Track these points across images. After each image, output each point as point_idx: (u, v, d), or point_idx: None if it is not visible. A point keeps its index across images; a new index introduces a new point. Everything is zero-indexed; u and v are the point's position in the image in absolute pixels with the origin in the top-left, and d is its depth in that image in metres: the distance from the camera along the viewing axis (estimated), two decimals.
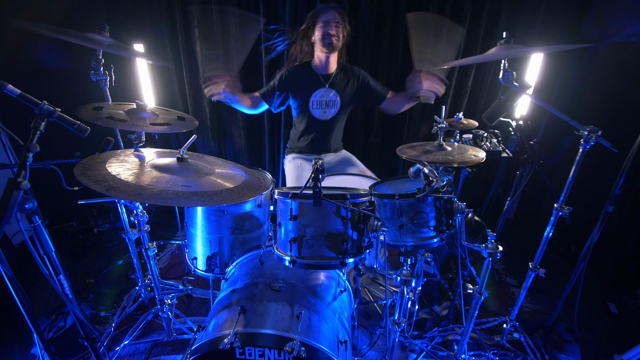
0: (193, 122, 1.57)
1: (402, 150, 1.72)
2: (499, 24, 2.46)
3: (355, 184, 1.94)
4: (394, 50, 2.58)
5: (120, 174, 1.15)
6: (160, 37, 2.73)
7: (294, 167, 2.28)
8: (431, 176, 1.19)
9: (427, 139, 2.86)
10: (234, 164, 1.58)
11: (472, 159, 1.52)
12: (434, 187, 1.16)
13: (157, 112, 1.54)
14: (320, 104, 2.23)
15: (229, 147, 3.07)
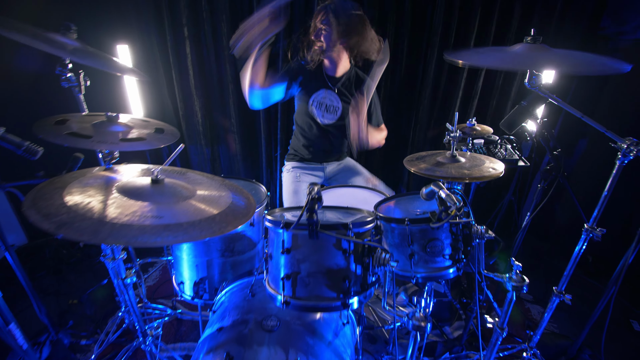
0: (173, 134, 1.39)
1: (410, 162, 1.54)
2: (512, 20, 2.26)
3: (359, 198, 1.76)
4: (399, 48, 2.39)
5: (80, 203, 0.97)
6: (148, 38, 2.54)
7: (291, 179, 2.10)
8: (449, 202, 1.00)
9: (434, 143, 2.68)
10: (220, 181, 1.40)
11: (490, 173, 1.34)
12: (451, 215, 0.97)
13: (132, 123, 1.36)
14: (320, 105, 2.04)
15: (224, 154, 2.90)
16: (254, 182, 1.95)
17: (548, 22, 2.24)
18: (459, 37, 2.33)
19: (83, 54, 1.39)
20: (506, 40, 2.31)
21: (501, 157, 1.89)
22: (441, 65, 2.41)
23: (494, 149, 1.99)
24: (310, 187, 0.93)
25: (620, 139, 1.13)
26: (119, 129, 1.28)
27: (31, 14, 2.28)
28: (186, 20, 2.45)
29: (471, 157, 1.58)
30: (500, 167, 1.43)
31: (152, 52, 2.57)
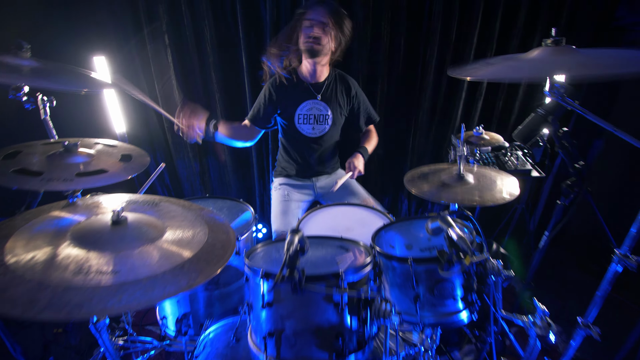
0: (142, 161, 1.23)
1: (412, 182, 1.37)
2: (518, 14, 2.08)
3: (356, 218, 1.59)
4: (395, 49, 2.21)
5: (22, 259, 0.82)
6: (127, 47, 2.37)
7: (280, 197, 1.94)
8: (462, 246, 0.84)
9: (435, 150, 2.50)
10: (197, 210, 1.24)
11: (505, 199, 1.18)
12: (465, 264, 0.81)
13: (95, 151, 1.20)
14: (308, 118, 1.87)
15: (213, 167, 2.74)
16: (241, 202, 1.79)
17: (558, 14, 2.06)
18: (460, 34, 2.15)
19: (42, 73, 1.23)
20: (512, 35, 2.12)
21: (512, 168, 1.71)
22: (442, 65, 2.24)
23: (503, 157, 1.81)
24: (290, 236, 0.77)
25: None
26: (79, 159, 1.12)
27: None
28: (166, 27, 2.28)
29: (479, 174, 1.42)
30: (514, 188, 1.27)
31: (133, 62, 2.41)
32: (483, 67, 1.00)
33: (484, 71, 0.96)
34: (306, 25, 1.72)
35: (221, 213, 1.70)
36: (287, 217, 1.83)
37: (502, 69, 0.94)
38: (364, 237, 1.43)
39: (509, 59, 1.00)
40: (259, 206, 2.83)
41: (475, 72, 0.96)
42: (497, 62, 1.00)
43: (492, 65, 0.98)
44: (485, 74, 0.95)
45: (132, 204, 1.22)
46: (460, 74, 0.91)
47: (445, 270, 0.88)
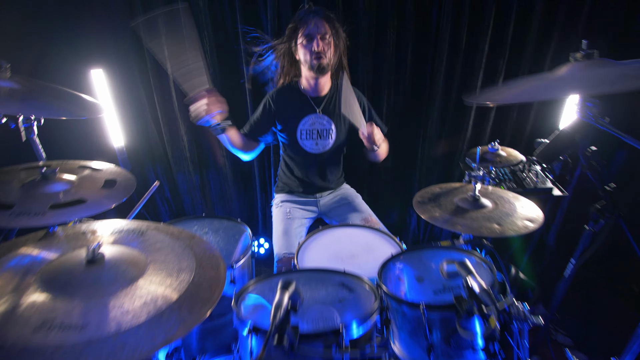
0: (127, 186, 1.13)
1: (422, 206, 1.25)
2: (532, 17, 1.95)
3: (361, 243, 1.47)
4: (402, 57, 2.10)
5: None
6: (126, 59, 2.31)
7: (281, 216, 1.83)
8: (484, 299, 0.71)
9: (445, 161, 2.37)
10: (188, 240, 1.13)
11: (528, 228, 1.05)
12: (489, 323, 0.68)
13: (76, 178, 1.11)
14: (311, 133, 1.77)
15: (213, 179, 2.65)
16: (239, 223, 1.68)
17: (576, 17, 1.92)
18: (470, 41, 2.03)
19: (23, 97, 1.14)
20: (527, 41, 1.99)
21: (531, 186, 1.57)
22: (451, 73, 2.11)
23: (520, 173, 1.67)
24: (279, 295, 0.65)
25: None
26: (57, 188, 1.03)
27: None
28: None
29: (496, 196, 1.29)
30: (538, 214, 1.14)
31: (132, 74, 2.34)
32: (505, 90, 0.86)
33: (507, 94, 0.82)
34: (305, 41, 1.62)
35: (216, 235, 1.60)
36: (290, 238, 1.72)
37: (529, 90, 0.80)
38: (369, 265, 1.32)
39: (535, 80, 0.86)
40: (261, 220, 2.73)
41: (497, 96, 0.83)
42: (521, 84, 0.87)
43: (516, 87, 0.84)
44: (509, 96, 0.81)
45: (116, 233, 1.13)
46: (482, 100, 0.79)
47: (463, 324, 0.76)
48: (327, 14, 1.64)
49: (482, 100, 0.81)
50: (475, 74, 2.07)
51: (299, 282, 1.08)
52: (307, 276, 1.09)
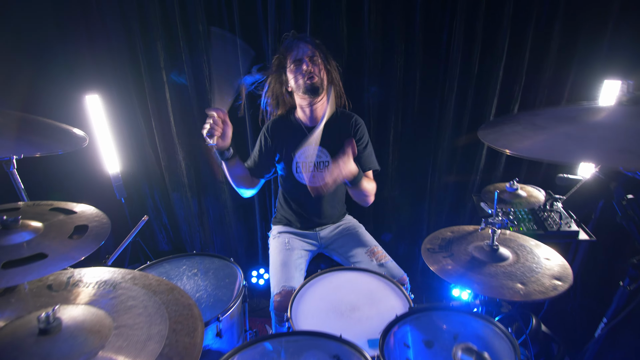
0: (100, 233, 1.01)
1: (431, 255, 1.11)
2: (550, 42, 1.82)
3: (363, 291, 1.32)
4: (409, 84, 1.98)
5: None
6: (124, 84, 2.26)
7: (280, 246, 1.69)
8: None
9: (457, 193, 2.21)
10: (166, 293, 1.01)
11: (557, 289, 0.90)
12: None
13: (44, 224, 1.00)
14: (306, 166, 1.65)
15: (212, 206, 2.54)
16: (231, 262, 1.56)
17: (598, 42, 1.78)
18: (483, 66, 1.90)
19: None
20: (544, 66, 1.85)
21: (554, 228, 1.40)
22: (463, 100, 1.98)
23: (541, 213, 1.51)
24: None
25: None
26: (18, 239, 0.92)
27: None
28: (164, 63, 2.15)
29: (517, 246, 1.14)
30: (566, 270, 0.98)
31: (130, 99, 2.29)
32: (528, 132, 0.70)
33: (529, 142, 0.67)
34: (294, 66, 1.55)
35: (206, 278, 1.47)
36: (289, 270, 1.56)
37: (558, 141, 0.64)
38: (372, 321, 1.17)
39: (564, 120, 0.70)
40: (261, 249, 2.60)
41: (516, 141, 0.68)
42: (548, 123, 0.71)
43: (541, 131, 0.69)
44: (532, 148, 0.65)
45: (86, 287, 1.01)
46: (497, 143, 0.65)
47: None
48: (312, 39, 1.58)
49: (500, 145, 0.67)
50: (489, 101, 1.93)
51: (288, 351, 0.93)
52: (298, 342, 0.94)
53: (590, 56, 1.79)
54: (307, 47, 1.54)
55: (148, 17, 2.08)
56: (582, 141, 0.61)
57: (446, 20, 1.84)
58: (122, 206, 2.40)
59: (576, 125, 0.68)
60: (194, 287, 1.41)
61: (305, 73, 1.50)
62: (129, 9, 2.08)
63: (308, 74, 1.50)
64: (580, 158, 0.61)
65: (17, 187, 1.42)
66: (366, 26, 1.89)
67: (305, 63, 1.51)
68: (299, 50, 1.54)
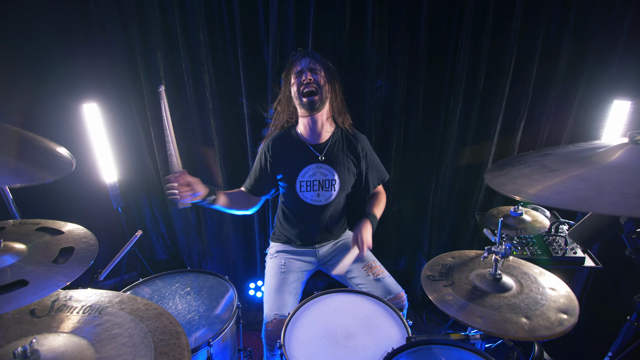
0: (85, 256, 0.98)
1: (431, 285, 1.06)
2: (559, 58, 1.77)
3: (360, 317, 1.27)
4: (413, 98, 1.94)
5: None
6: (124, 93, 2.24)
7: (275, 269, 1.65)
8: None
9: (459, 209, 2.16)
10: (152, 322, 0.97)
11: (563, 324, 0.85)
12: None
13: (28, 246, 0.96)
14: (312, 185, 1.61)
15: (211, 217, 2.50)
16: (225, 280, 1.52)
17: (607, 60, 1.73)
18: (489, 81, 1.86)
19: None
20: (552, 83, 1.81)
21: (559, 254, 1.35)
22: (468, 116, 1.93)
23: (546, 237, 1.46)
24: None
25: None
26: (0, 263, 0.88)
27: None
28: (164, 72, 2.12)
29: (521, 275, 1.09)
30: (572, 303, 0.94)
31: (129, 108, 2.26)
32: (538, 176, 0.66)
33: (540, 186, 0.63)
34: (295, 77, 1.54)
35: (199, 297, 1.43)
36: (283, 296, 1.52)
37: (571, 186, 0.60)
38: (367, 351, 1.13)
39: (576, 162, 0.66)
40: (259, 261, 2.55)
41: (526, 185, 0.64)
42: (558, 165, 0.67)
43: (551, 174, 0.64)
44: (545, 195, 0.61)
45: (70, 312, 0.97)
46: (505, 188, 0.61)
47: None
48: (320, 56, 1.58)
49: (509, 190, 0.62)
50: (495, 118, 1.88)
51: None
52: None
53: (599, 75, 1.75)
54: (310, 60, 1.53)
55: (148, 26, 2.06)
56: (598, 187, 0.56)
57: (452, 34, 1.80)
58: (119, 216, 2.37)
59: (589, 166, 0.63)
60: (186, 307, 1.37)
61: (303, 83, 1.49)
62: (129, 17, 2.06)
63: (306, 85, 1.49)
64: (596, 207, 0.56)
65: (8, 202, 1.39)
66: (369, 39, 1.85)
67: (305, 74, 1.51)
68: (302, 63, 1.54)
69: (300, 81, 1.50)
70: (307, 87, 1.50)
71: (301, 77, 1.50)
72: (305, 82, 1.49)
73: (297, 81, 1.51)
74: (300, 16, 1.87)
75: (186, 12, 1.99)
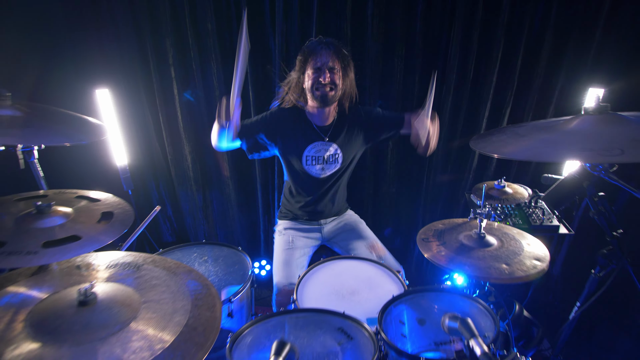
0: (125, 219, 1.11)
1: (425, 244, 1.22)
2: (541, 51, 1.94)
3: (362, 277, 1.43)
4: (409, 86, 2.09)
5: None
6: (133, 80, 2.34)
7: (283, 245, 1.79)
8: (481, 357, 0.67)
9: (450, 190, 2.34)
10: (186, 272, 1.11)
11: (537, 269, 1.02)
12: None
13: (72, 210, 1.09)
14: (317, 159, 1.75)
15: (217, 200, 2.63)
16: (239, 251, 1.66)
17: (585, 52, 1.90)
18: (478, 71, 2.02)
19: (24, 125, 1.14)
20: (535, 72, 1.98)
21: (537, 223, 1.53)
22: (459, 102, 2.10)
23: (527, 209, 1.64)
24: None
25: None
26: (51, 222, 1.01)
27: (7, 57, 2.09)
28: (172, 60, 2.23)
29: (502, 235, 1.26)
30: (544, 252, 1.10)
31: (138, 94, 2.37)
32: (512, 140, 0.84)
33: (513, 147, 0.80)
34: (313, 72, 1.61)
35: (216, 264, 1.58)
36: (291, 269, 1.67)
37: (536, 145, 0.77)
38: (370, 303, 1.28)
39: (542, 130, 0.83)
40: (263, 242, 2.70)
41: (502, 147, 0.81)
42: (529, 132, 0.84)
43: (522, 138, 0.82)
44: (515, 151, 0.78)
45: (111, 268, 1.11)
46: (486, 149, 0.77)
47: None
48: (338, 46, 1.62)
49: (488, 150, 0.78)
50: (483, 105, 2.05)
51: (297, 326, 1.04)
52: (305, 318, 1.05)
53: (577, 65, 1.92)
54: (331, 56, 1.58)
55: (158, 15, 2.15)
56: (555, 144, 0.73)
57: (444, 28, 1.96)
58: (129, 197, 2.48)
59: (551, 132, 0.80)
60: (205, 272, 1.51)
61: (321, 84, 1.57)
62: (139, 6, 2.15)
63: (322, 86, 1.57)
64: (550, 157, 0.73)
65: (37, 176, 1.50)
66: (369, 30, 1.99)
67: (324, 74, 1.57)
68: (321, 58, 1.58)
69: (317, 79, 1.57)
70: (323, 90, 1.58)
71: (319, 74, 1.57)
72: (322, 84, 1.57)
73: (314, 77, 1.58)
74: (304, 8, 2.00)
75: (195, 2, 2.09)
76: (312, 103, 1.69)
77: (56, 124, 1.26)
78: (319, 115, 1.72)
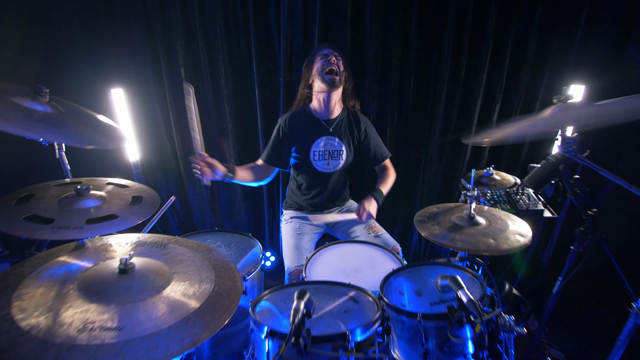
0: (153, 202, 1.24)
1: (422, 224, 1.36)
2: (527, 52, 2.09)
3: (365, 258, 1.57)
4: (405, 85, 2.24)
5: (28, 311, 0.82)
6: (145, 80, 2.46)
7: (291, 231, 1.93)
8: (472, 310, 0.81)
9: (445, 182, 2.48)
10: (206, 252, 1.24)
11: (520, 243, 1.16)
12: (476, 330, 0.78)
13: (106, 193, 1.22)
14: (323, 154, 1.90)
15: (223, 194, 2.76)
16: (250, 237, 1.79)
17: (567, 51, 2.06)
18: (469, 70, 2.17)
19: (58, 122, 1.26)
20: (522, 71, 2.13)
21: (524, 207, 1.68)
22: (452, 99, 2.25)
23: (514, 196, 1.78)
24: (296, 303, 0.75)
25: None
26: (90, 203, 1.14)
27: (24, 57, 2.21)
28: (183, 61, 2.36)
29: (491, 216, 1.39)
30: (527, 231, 1.24)
31: (149, 94, 2.49)
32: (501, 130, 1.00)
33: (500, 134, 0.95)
34: (321, 57, 1.82)
35: (229, 249, 1.71)
36: (300, 252, 1.81)
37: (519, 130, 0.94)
38: (373, 279, 1.42)
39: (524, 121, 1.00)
40: (268, 234, 2.83)
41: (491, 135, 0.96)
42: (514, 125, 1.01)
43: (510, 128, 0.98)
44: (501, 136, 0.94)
45: (140, 246, 1.23)
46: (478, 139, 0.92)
47: (455, 332, 0.85)
48: (339, 50, 1.87)
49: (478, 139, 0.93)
50: (474, 101, 2.20)
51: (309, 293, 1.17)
52: (316, 288, 1.18)
53: (561, 64, 2.08)
54: (333, 50, 1.83)
55: (169, 18, 2.29)
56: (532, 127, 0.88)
57: (438, 30, 2.11)
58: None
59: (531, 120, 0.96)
60: None
61: (330, 62, 1.78)
62: (151, 9, 2.28)
63: (330, 65, 1.78)
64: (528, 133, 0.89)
65: (64, 167, 1.63)
66: (368, 32, 2.14)
67: (330, 57, 1.80)
68: (327, 50, 1.83)
69: (326, 60, 1.78)
70: (330, 66, 1.78)
71: (326, 59, 1.79)
72: (330, 62, 1.78)
73: (322, 61, 1.80)
74: (307, 12, 2.15)
75: (204, 6, 2.23)
76: (319, 92, 1.83)
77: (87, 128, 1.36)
78: (324, 108, 1.87)
